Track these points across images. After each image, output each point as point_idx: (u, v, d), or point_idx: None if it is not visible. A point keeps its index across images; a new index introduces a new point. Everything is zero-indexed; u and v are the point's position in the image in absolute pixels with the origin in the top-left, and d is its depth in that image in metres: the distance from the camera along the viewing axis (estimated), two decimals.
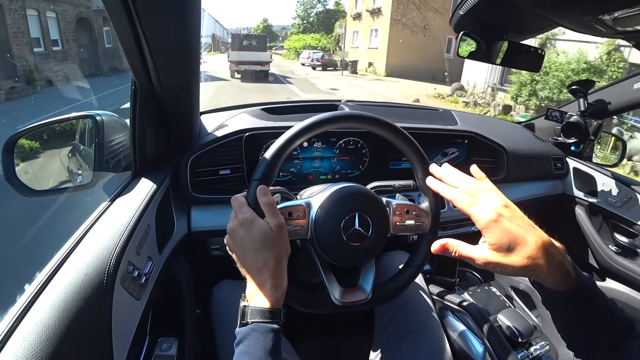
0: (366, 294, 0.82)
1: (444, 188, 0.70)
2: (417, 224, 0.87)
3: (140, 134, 0.98)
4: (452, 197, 0.66)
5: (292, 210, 0.80)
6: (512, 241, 0.57)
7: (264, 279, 0.67)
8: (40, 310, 0.59)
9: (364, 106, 1.53)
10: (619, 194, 1.49)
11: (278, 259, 0.68)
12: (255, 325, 0.64)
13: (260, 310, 0.65)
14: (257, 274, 0.67)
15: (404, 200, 0.91)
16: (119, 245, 0.75)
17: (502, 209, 0.60)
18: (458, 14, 1.00)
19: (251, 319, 0.65)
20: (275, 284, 0.67)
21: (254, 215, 0.70)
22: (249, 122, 1.24)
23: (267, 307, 0.65)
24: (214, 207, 1.18)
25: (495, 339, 0.99)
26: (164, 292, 0.97)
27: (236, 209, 0.72)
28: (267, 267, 0.67)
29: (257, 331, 0.63)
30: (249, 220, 0.69)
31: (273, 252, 0.68)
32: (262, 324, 0.64)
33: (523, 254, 0.57)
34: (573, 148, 1.66)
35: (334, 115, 0.82)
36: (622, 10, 0.66)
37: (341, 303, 0.80)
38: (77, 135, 1.26)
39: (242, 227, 0.69)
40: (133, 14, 0.69)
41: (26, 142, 1.03)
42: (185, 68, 0.88)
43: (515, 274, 0.59)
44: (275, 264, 0.68)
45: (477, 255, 0.60)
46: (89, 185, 1.03)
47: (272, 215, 0.70)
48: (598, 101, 1.57)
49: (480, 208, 0.61)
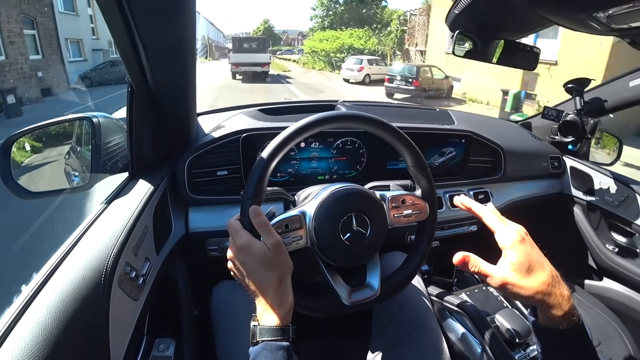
0: (375, 290, 0.82)
1: (475, 203, 0.72)
2: (414, 212, 0.87)
3: (137, 136, 0.98)
4: (483, 213, 0.69)
5: (288, 223, 0.80)
6: (531, 264, 0.61)
7: (269, 297, 0.68)
8: (37, 311, 0.59)
9: (361, 106, 1.53)
10: (617, 192, 1.49)
11: (280, 277, 0.69)
12: (265, 344, 0.65)
13: (269, 329, 0.66)
14: (263, 294, 0.69)
15: (399, 191, 0.91)
16: (117, 246, 0.75)
17: (525, 234, 0.64)
18: (453, 12, 1.00)
19: (261, 338, 0.66)
20: (281, 302, 0.69)
21: (250, 238, 0.70)
22: (246, 123, 1.24)
23: (276, 325, 0.67)
24: (212, 208, 1.18)
25: (493, 340, 0.99)
26: (162, 293, 0.96)
27: (232, 234, 0.73)
28: (271, 286, 0.68)
29: (267, 350, 0.64)
30: (246, 244, 0.70)
31: (274, 271, 0.69)
32: (272, 342, 0.65)
33: (540, 279, 0.60)
34: (570, 147, 1.66)
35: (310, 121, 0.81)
36: (616, 7, 0.67)
37: (351, 303, 0.80)
38: (74, 137, 1.26)
39: (241, 253, 0.70)
40: (128, 15, 0.69)
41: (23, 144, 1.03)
42: (181, 69, 0.88)
43: (528, 299, 0.61)
44: (277, 282, 0.69)
45: (497, 273, 0.62)
46: (86, 187, 1.03)
47: (268, 235, 0.71)
48: (594, 99, 1.57)
49: (508, 228, 0.65)
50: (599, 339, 1.30)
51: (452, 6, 0.99)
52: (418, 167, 0.89)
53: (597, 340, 1.30)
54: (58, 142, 1.27)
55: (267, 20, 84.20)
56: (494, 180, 1.53)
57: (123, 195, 0.95)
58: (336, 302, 0.81)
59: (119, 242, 0.76)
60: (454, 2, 0.96)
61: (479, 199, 1.46)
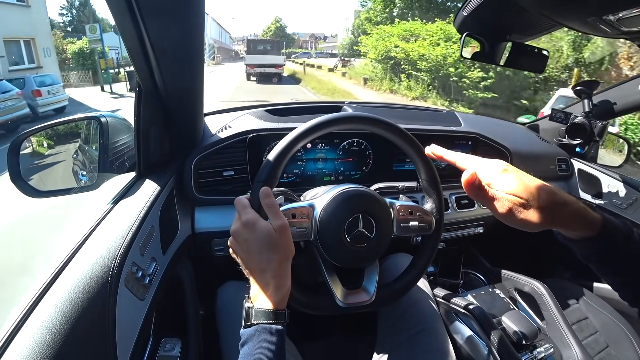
0: (370, 296, 0.82)
1: (446, 151, 0.66)
2: (420, 225, 0.87)
3: (144, 136, 0.99)
4: (456, 157, 0.63)
5: (295, 212, 0.80)
6: (526, 187, 0.55)
7: (267, 280, 0.67)
8: (44, 311, 0.59)
9: (368, 107, 1.53)
10: (625, 195, 1.48)
11: (281, 260, 0.68)
12: (259, 327, 0.64)
13: (265, 312, 0.65)
14: (261, 275, 0.68)
15: (408, 202, 0.91)
16: (123, 246, 0.75)
17: (507, 165, 0.58)
18: (461, 14, 1.00)
19: (255, 320, 0.65)
20: (279, 285, 0.67)
21: (257, 217, 0.70)
22: (252, 123, 1.24)
23: (271, 308, 0.65)
24: (218, 208, 1.19)
25: (499, 342, 0.98)
26: (168, 293, 0.97)
27: (240, 210, 0.72)
28: (271, 268, 0.67)
29: (261, 332, 0.63)
30: (252, 221, 0.69)
31: (276, 253, 0.68)
32: (267, 325, 0.64)
33: (542, 200, 0.54)
34: (578, 149, 1.65)
35: (338, 117, 0.82)
36: (626, 10, 0.66)
37: (344, 304, 0.80)
38: (82, 136, 1.27)
39: (245, 229, 0.69)
40: (137, 16, 0.69)
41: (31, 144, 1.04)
42: (189, 69, 0.89)
43: (538, 225, 0.55)
44: (278, 264, 0.68)
45: (502, 198, 0.56)
46: (94, 187, 1.03)
47: (275, 217, 0.70)
48: (603, 102, 1.56)
49: (486, 164, 0.59)
50: (607, 342, 1.29)
51: (460, 8, 0.99)
52: (431, 182, 0.89)
53: (605, 342, 1.29)
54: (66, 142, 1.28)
55: (279, 19, 78.90)
56: None
57: (130, 195, 0.96)
58: (330, 302, 0.81)
59: (126, 242, 0.76)
60: (463, 3, 0.96)
61: None
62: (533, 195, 0.54)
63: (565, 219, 0.55)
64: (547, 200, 0.54)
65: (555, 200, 0.54)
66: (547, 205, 0.54)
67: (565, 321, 1.14)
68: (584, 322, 1.36)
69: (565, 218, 0.55)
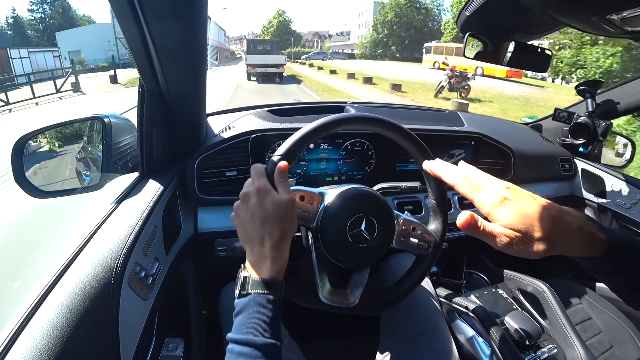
0: (354, 299, 0.81)
1: (446, 172, 0.67)
2: (420, 243, 0.86)
3: (147, 136, 0.99)
4: (455, 181, 0.64)
5: (304, 195, 0.79)
6: (525, 219, 0.54)
7: (266, 250, 0.66)
8: (48, 310, 0.59)
9: (370, 107, 1.53)
10: (628, 195, 1.47)
11: (283, 233, 0.67)
12: (254, 296, 0.63)
13: (261, 282, 0.64)
14: (260, 244, 0.67)
15: (413, 218, 0.91)
16: (126, 246, 0.75)
17: (504, 191, 0.58)
18: (464, 14, 1.00)
19: (251, 290, 0.64)
20: (277, 257, 0.67)
21: (269, 186, 0.69)
22: (255, 123, 1.24)
23: (268, 278, 0.65)
24: (221, 209, 1.19)
25: (502, 342, 0.98)
26: (171, 293, 0.97)
27: (254, 176, 0.71)
28: (272, 238, 0.66)
29: (256, 302, 0.63)
30: (265, 189, 0.68)
31: (280, 226, 0.67)
32: (262, 295, 0.64)
33: (543, 230, 0.54)
34: (581, 149, 1.65)
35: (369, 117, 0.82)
36: (630, 9, 0.66)
37: (327, 300, 0.79)
38: (85, 137, 1.27)
39: (256, 195, 0.68)
40: (140, 16, 0.70)
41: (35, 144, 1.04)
42: (191, 69, 0.89)
43: (539, 254, 0.55)
44: (279, 237, 0.67)
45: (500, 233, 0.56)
46: (97, 187, 1.04)
47: (285, 191, 0.70)
48: (606, 101, 1.56)
49: (484, 193, 0.59)
50: (611, 342, 1.29)
51: (463, 8, 0.98)
52: (439, 205, 0.88)
53: (609, 343, 1.28)
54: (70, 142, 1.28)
55: (282, 12, 70.65)
56: None
57: (133, 195, 0.96)
58: (312, 294, 0.80)
59: (129, 242, 0.77)
60: (466, 3, 0.96)
61: None
62: (533, 227, 0.54)
63: (568, 246, 0.55)
64: (549, 230, 0.54)
65: (557, 229, 0.54)
66: (548, 236, 0.54)
67: (569, 321, 1.14)
68: (588, 322, 1.36)
69: (568, 245, 0.55)
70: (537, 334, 1.00)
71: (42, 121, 0.99)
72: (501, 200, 0.57)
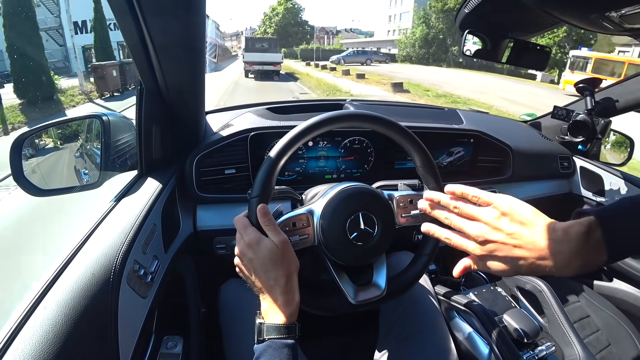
0: (381, 290, 0.82)
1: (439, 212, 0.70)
2: (422, 213, 0.87)
3: (146, 134, 0.99)
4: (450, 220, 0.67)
5: (295, 221, 0.80)
6: (507, 259, 0.58)
7: (276, 295, 0.69)
8: (47, 308, 0.59)
9: (369, 105, 1.52)
10: (627, 193, 1.47)
11: (288, 275, 0.70)
12: (271, 342, 0.66)
13: (276, 327, 0.67)
14: (270, 291, 0.69)
15: (407, 191, 0.91)
16: (125, 244, 0.75)
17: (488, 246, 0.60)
18: (463, 12, 1.00)
19: (267, 336, 0.66)
20: (288, 300, 0.69)
21: (259, 235, 0.71)
22: (254, 121, 1.24)
23: (282, 322, 0.67)
24: (220, 206, 1.19)
25: (501, 339, 0.98)
26: (170, 291, 0.97)
27: (240, 230, 0.73)
28: (279, 284, 0.69)
29: (272, 347, 0.65)
30: (255, 241, 0.70)
31: (282, 269, 0.69)
32: (278, 340, 0.66)
33: (522, 263, 0.57)
34: (580, 147, 1.65)
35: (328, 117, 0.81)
36: (629, 7, 0.66)
37: (357, 302, 0.80)
38: (84, 135, 1.27)
39: (249, 249, 0.70)
40: (138, 14, 0.70)
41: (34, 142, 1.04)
42: (190, 67, 0.89)
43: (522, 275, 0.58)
44: (285, 280, 0.69)
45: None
46: (96, 185, 1.04)
47: (275, 233, 0.71)
48: (605, 99, 1.56)
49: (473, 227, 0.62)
50: (609, 340, 1.29)
51: (462, 5, 0.98)
52: (426, 167, 0.88)
53: (607, 341, 1.29)
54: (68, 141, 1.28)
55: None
56: (502, 180, 1.52)
57: (132, 193, 0.96)
58: (343, 301, 0.81)
59: (128, 240, 0.77)
60: (464, 1, 0.96)
61: None
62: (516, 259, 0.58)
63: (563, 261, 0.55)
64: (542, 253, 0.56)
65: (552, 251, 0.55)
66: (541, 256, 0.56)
67: (567, 319, 1.14)
68: (586, 320, 1.36)
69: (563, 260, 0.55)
70: (535, 332, 1.01)
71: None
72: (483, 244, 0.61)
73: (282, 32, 51.82)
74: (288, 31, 53.53)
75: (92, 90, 13.86)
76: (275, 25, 53.40)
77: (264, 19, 54.52)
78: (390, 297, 0.85)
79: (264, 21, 55.32)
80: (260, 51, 20.91)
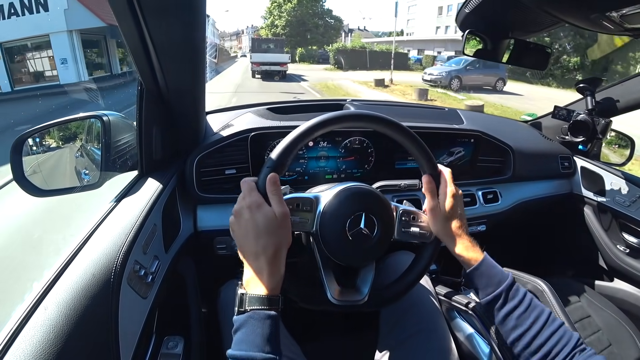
0: (362, 296, 0.81)
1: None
2: (421, 232, 0.87)
3: (146, 134, 0.99)
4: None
5: (300, 202, 0.80)
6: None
7: (261, 265, 0.67)
8: (47, 309, 0.59)
9: (369, 105, 1.52)
10: (628, 193, 1.47)
11: (277, 248, 0.68)
12: (252, 313, 0.64)
13: (258, 298, 0.65)
14: (255, 259, 0.68)
15: (412, 207, 0.91)
16: (126, 244, 0.75)
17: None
18: (464, 12, 1.00)
19: (249, 306, 0.65)
20: (273, 271, 0.67)
21: (261, 200, 0.70)
22: (254, 121, 1.24)
23: (265, 294, 0.65)
24: (220, 207, 1.19)
25: (501, 340, 0.98)
26: (170, 291, 0.97)
27: (245, 191, 0.72)
28: (266, 254, 0.67)
29: (254, 318, 0.63)
30: (256, 204, 0.69)
31: (273, 240, 0.68)
32: (260, 311, 0.64)
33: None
34: (581, 147, 1.65)
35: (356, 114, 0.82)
36: (630, 6, 0.66)
37: (336, 301, 0.79)
38: (84, 135, 1.27)
39: (248, 210, 0.69)
40: (138, 14, 0.70)
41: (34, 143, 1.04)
42: (190, 68, 0.89)
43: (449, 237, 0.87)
44: (274, 251, 0.68)
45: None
46: (96, 185, 1.04)
47: (278, 204, 0.70)
48: (606, 99, 1.55)
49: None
50: (610, 340, 1.29)
51: (462, 5, 0.98)
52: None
53: (607, 341, 1.29)
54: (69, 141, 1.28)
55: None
56: (503, 180, 1.52)
57: (132, 193, 0.96)
58: (322, 298, 0.80)
59: (129, 241, 0.77)
60: (464, 1, 0.96)
61: (488, 199, 1.45)
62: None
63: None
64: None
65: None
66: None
67: (568, 319, 1.14)
68: (587, 320, 1.36)
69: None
70: None
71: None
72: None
73: (296, 24, 39.12)
74: (306, 23, 39.74)
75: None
76: (287, 15, 39.47)
77: (271, 7, 40.71)
78: (369, 306, 0.84)
79: (271, 10, 41.22)
80: (267, 51, 21.28)
